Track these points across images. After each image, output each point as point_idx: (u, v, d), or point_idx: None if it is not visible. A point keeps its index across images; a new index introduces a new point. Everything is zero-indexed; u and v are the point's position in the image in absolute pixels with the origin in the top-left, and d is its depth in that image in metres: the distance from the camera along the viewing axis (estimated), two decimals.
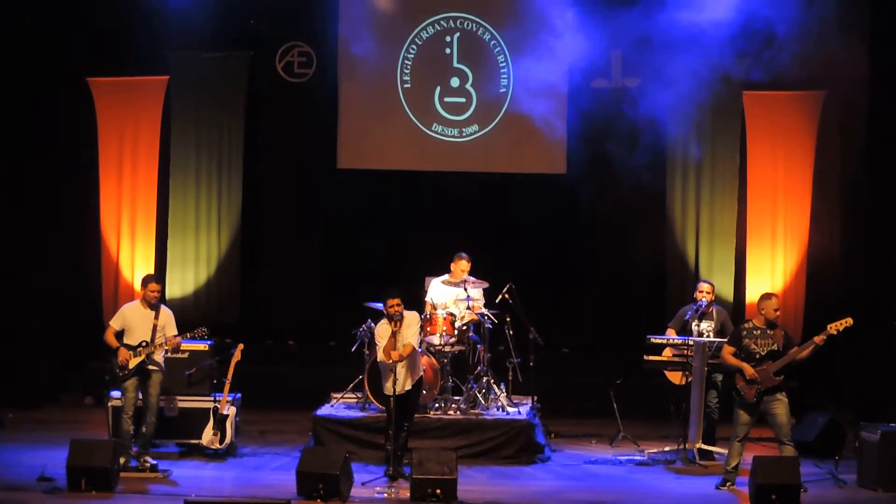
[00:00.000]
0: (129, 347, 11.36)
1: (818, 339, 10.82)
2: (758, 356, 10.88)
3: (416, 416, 11.59)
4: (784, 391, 10.86)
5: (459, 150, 15.47)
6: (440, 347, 12.34)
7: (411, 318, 11.27)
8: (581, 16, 14.79)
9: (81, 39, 15.07)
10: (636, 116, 14.54)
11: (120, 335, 11.45)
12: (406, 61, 15.41)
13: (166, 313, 11.53)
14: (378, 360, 11.24)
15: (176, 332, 11.48)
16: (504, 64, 15.35)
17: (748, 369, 10.84)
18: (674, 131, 14.98)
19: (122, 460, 11.12)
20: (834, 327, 10.79)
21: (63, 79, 15.07)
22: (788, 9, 13.96)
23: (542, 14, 14.92)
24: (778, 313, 10.96)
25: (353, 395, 12.79)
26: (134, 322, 11.42)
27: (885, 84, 13.98)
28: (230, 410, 12.03)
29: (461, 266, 12.71)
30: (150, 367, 11.38)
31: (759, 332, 10.95)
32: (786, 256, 14.90)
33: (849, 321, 10.78)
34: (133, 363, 11.32)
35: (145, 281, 11.61)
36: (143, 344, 11.32)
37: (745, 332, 11.02)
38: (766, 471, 10.29)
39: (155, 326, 11.37)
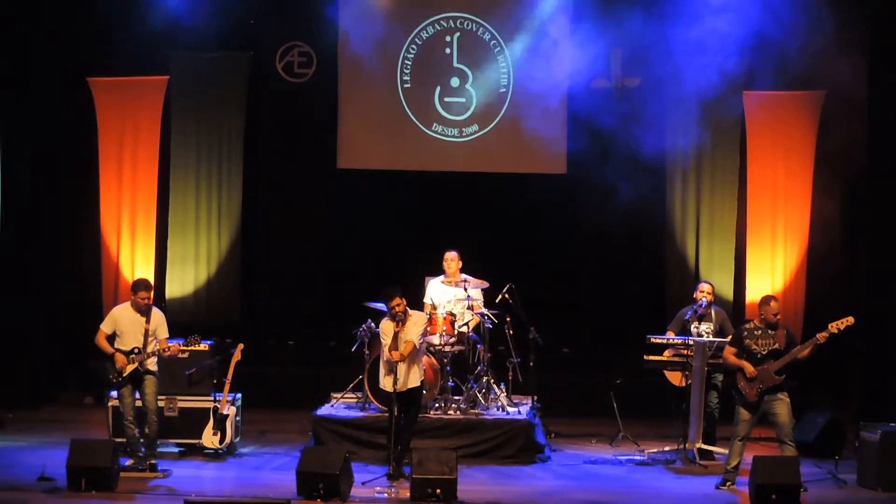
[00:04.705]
0: (122, 353, 11.26)
1: (820, 336, 10.83)
2: (759, 356, 10.89)
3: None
4: (785, 391, 10.88)
5: (459, 150, 15.46)
6: (440, 347, 12.34)
7: (417, 318, 11.33)
8: (581, 16, 14.82)
9: (81, 39, 15.05)
10: (636, 116, 14.57)
11: (111, 339, 11.34)
12: (406, 61, 15.41)
13: (157, 316, 11.41)
14: (384, 358, 11.25)
15: (167, 335, 11.39)
16: (504, 64, 15.34)
17: (749, 368, 10.84)
18: (674, 131, 14.99)
19: (130, 462, 11.15)
20: (835, 326, 10.80)
21: (63, 79, 15.06)
22: (788, 9, 13.96)
23: (542, 14, 14.95)
24: (778, 317, 10.96)
25: (353, 395, 12.79)
26: (125, 326, 11.29)
27: (885, 84, 13.96)
28: (230, 410, 12.03)
29: (449, 262, 12.68)
30: (144, 373, 11.32)
31: (759, 332, 10.96)
32: (786, 256, 14.89)
33: (850, 320, 10.80)
34: (128, 370, 11.23)
35: (136, 287, 11.43)
36: (136, 351, 11.24)
37: (745, 333, 11.02)
38: (766, 471, 10.30)
39: (147, 331, 11.26)
